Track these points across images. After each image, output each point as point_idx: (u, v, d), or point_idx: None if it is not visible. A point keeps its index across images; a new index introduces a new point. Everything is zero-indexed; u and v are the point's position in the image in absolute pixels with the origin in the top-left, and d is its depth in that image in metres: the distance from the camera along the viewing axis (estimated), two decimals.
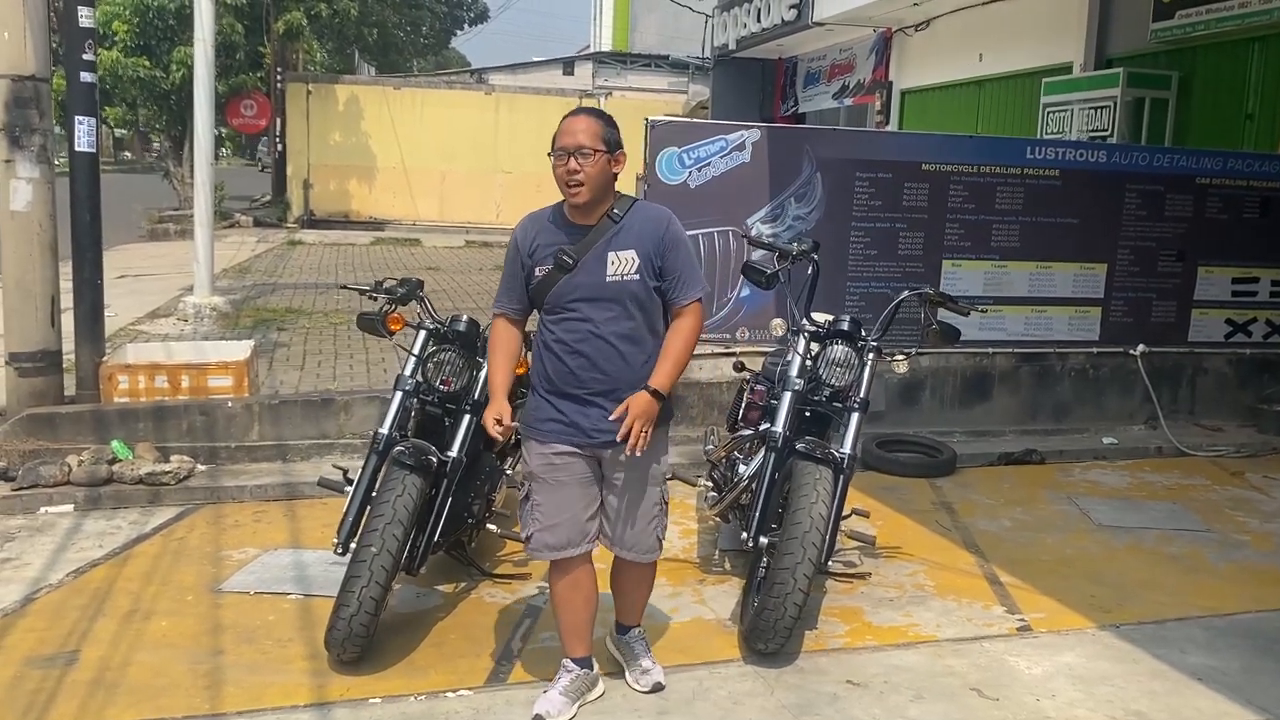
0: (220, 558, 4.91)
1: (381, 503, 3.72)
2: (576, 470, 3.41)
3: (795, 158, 6.93)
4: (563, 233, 3.36)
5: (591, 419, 3.34)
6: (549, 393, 3.40)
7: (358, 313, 4.46)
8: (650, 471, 3.47)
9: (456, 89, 24.99)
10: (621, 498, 3.45)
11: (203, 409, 6.26)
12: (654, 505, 3.50)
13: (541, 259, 3.36)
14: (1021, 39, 14.04)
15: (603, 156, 3.29)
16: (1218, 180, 7.72)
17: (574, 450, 3.39)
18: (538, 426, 3.43)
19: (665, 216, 3.42)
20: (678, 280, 3.37)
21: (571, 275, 3.32)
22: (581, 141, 3.26)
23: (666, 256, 3.34)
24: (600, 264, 3.32)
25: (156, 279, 14.10)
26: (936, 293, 4.40)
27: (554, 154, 3.30)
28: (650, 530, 3.52)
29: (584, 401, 3.34)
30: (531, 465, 3.46)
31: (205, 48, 10.37)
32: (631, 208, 3.39)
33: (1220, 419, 7.92)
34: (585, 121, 3.31)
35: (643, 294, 3.33)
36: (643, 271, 3.32)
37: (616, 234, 3.34)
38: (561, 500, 3.40)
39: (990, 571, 4.94)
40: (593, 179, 3.28)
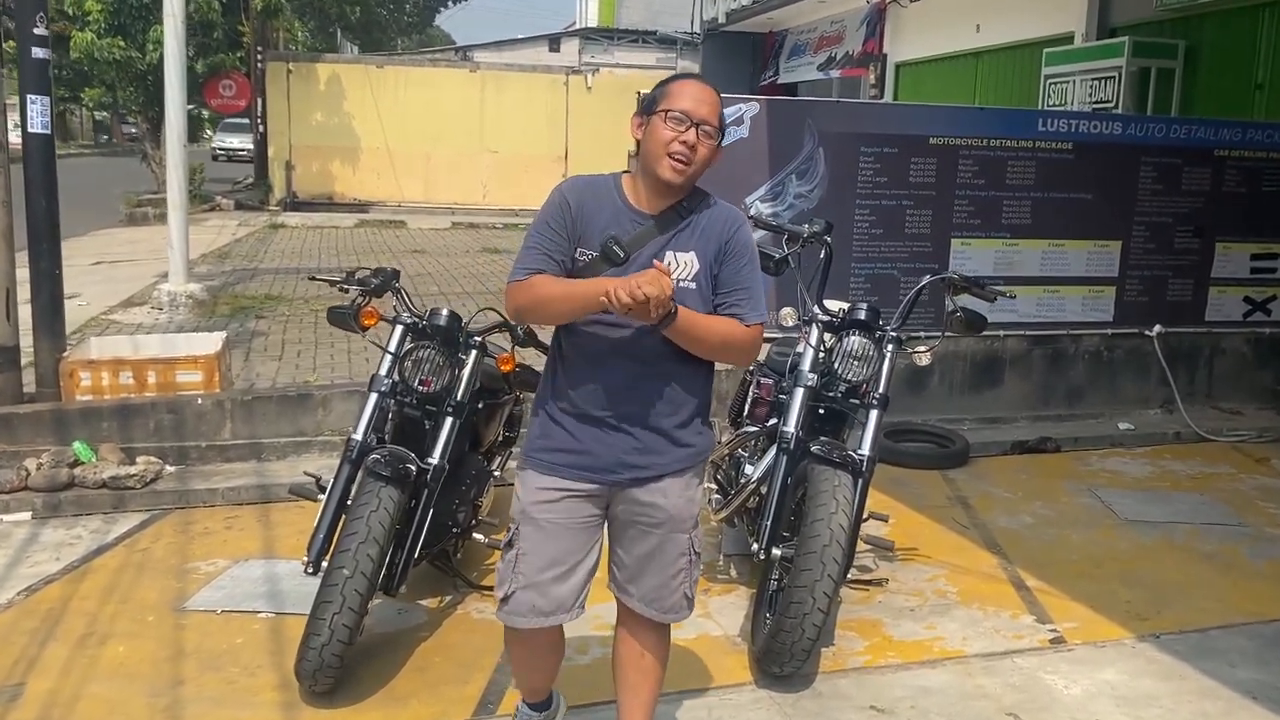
0: (186, 571, 4.54)
1: (355, 519, 3.37)
2: (581, 513, 2.73)
3: (796, 132, 6.56)
4: (619, 216, 2.67)
5: (614, 450, 2.68)
6: (564, 413, 2.71)
7: (329, 306, 4.07)
8: (682, 514, 2.76)
9: (441, 67, 24.47)
10: (640, 544, 2.77)
11: (171, 406, 5.88)
12: (682, 555, 2.79)
13: (588, 239, 2.64)
14: (1020, 9, 13.65)
15: (717, 144, 2.67)
16: (1236, 152, 7.37)
17: (583, 488, 2.71)
18: (541, 456, 2.74)
19: (736, 218, 2.76)
20: (737, 295, 2.67)
21: (618, 271, 2.59)
22: (708, 116, 2.61)
23: (727, 264, 2.67)
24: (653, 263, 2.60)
25: (132, 265, 13.66)
26: (961, 277, 4.04)
27: (669, 115, 2.59)
28: (677, 584, 2.81)
29: (609, 427, 2.67)
30: (524, 502, 2.74)
31: (175, 23, 9.90)
32: (701, 202, 2.72)
33: (1238, 401, 7.61)
34: (712, 95, 2.65)
35: (699, 306, 2.64)
36: (700, 280, 2.66)
37: (680, 231, 2.67)
38: (557, 551, 2.71)
39: (1015, 575, 4.61)
40: (699, 165, 2.63)
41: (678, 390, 2.69)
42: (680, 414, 2.71)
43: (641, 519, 2.74)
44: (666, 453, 2.71)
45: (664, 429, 2.70)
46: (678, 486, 2.74)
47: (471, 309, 11.12)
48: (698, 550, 2.84)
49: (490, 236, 18.58)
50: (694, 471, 2.79)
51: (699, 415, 2.76)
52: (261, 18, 21.78)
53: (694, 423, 2.75)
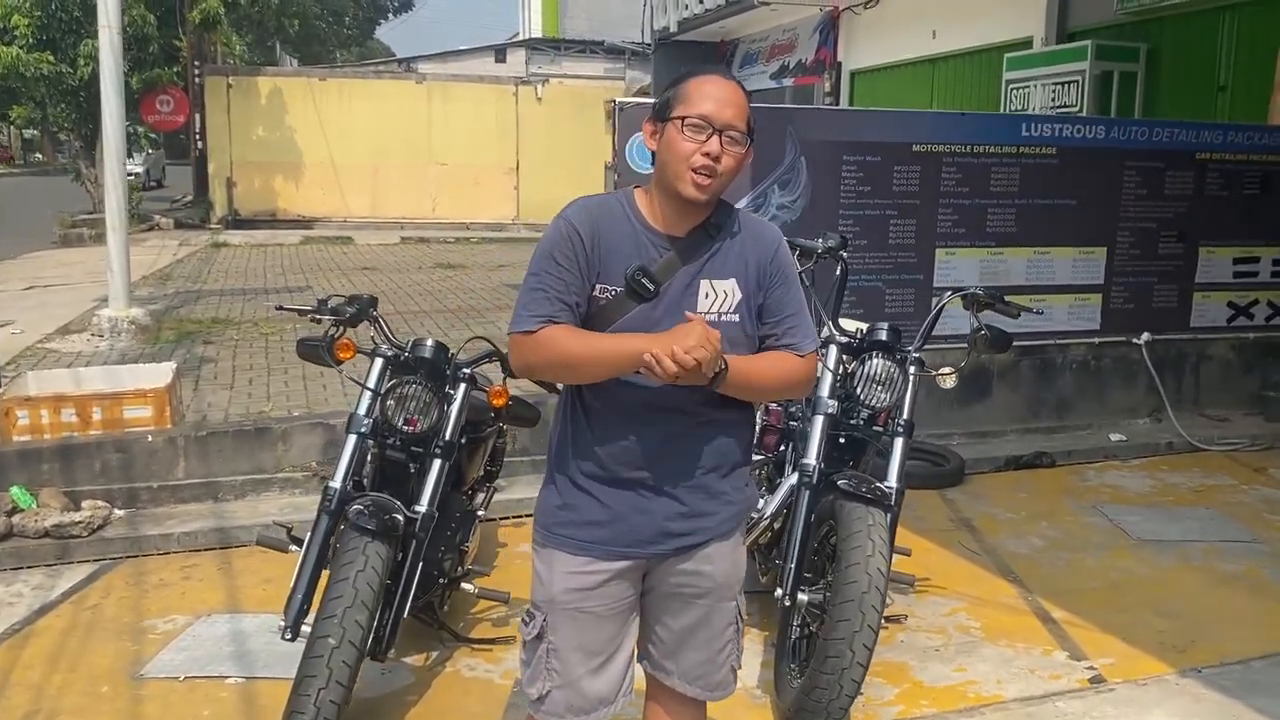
0: (142, 630, 4.13)
1: (339, 580, 3.00)
2: (619, 596, 2.35)
3: (778, 141, 6.28)
4: (641, 242, 2.26)
5: (655, 518, 2.30)
6: (592, 479, 2.31)
7: (299, 338, 3.70)
8: (730, 580, 2.43)
9: (385, 79, 23.95)
10: (683, 616, 2.41)
11: (118, 445, 5.44)
12: (729, 626, 2.46)
13: (610, 274, 2.24)
14: (977, 14, 13.57)
15: (745, 149, 2.27)
16: (1218, 155, 7.24)
17: (621, 566, 2.33)
18: (567, 532, 2.33)
19: (774, 235, 2.40)
20: (788, 323, 2.33)
21: (650, 307, 2.23)
22: (733, 120, 2.21)
23: (772, 290, 2.32)
24: (689, 295, 2.26)
25: (69, 289, 13.06)
26: (985, 293, 3.78)
27: (686, 121, 2.20)
28: (724, 659, 2.47)
29: (648, 490, 2.29)
30: (553, 590, 2.34)
31: (111, 34, 9.39)
32: (731, 219, 2.34)
33: (1225, 408, 7.47)
34: (739, 92, 2.26)
35: (741, 341, 2.29)
36: (743, 310, 2.30)
37: (714, 255, 2.29)
38: (593, 642, 2.34)
39: (1038, 605, 4.35)
40: (727, 176, 2.24)
41: (723, 440, 2.35)
42: (724, 466, 2.36)
43: (685, 589, 2.39)
44: (713, 514, 2.36)
45: (709, 486, 2.34)
46: (725, 550, 2.40)
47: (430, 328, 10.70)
48: (744, 615, 2.51)
49: (442, 251, 18.15)
50: (740, 530, 2.46)
51: (744, 463, 2.43)
52: (199, 31, 21.15)
53: (738, 473, 2.40)
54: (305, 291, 12.75)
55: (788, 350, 2.33)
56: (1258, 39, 9.92)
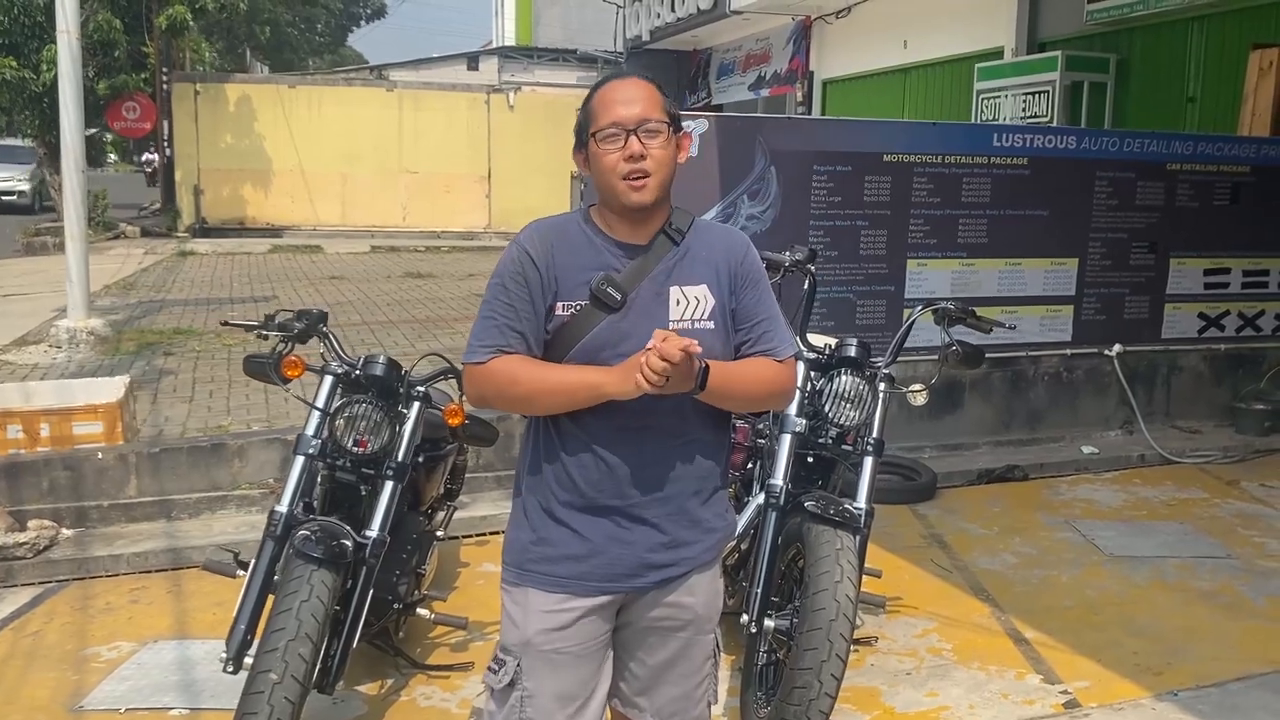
0: (85, 659, 3.96)
1: (282, 611, 2.85)
2: (593, 633, 2.21)
3: (747, 150, 6.18)
4: (602, 253, 2.18)
5: (635, 549, 2.18)
6: (568, 508, 2.18)
7: (246, 355, 3.55)
8: (710, 611, 2.33)
9: (356, 86, 23.73)
10: (660, 651, 2.29)
11: (67, 462, 5.26)
12: (707, 660, 2.36)
13: (571, 290, 2.16)
14: (948, 24, 13.58)
15: (668, 134, 2.16)
16: (1188, 166, 7.20)
17: (599, 602, 2.20)
18: (541, 569, 2.20)
19: (741, 239, 2.33)
20: (760, 328, 2.24)
21: (618, 318, 2.14)
22: (646, 113, 2.13)
23: (744, 294, 2.23)
24: (659, 303, 2.17)
25: (29, 299, 12.81)
26: (958, 307, 3.68)
27: (599, 135, 2.13)
28: (701, 694, 2.37)
29: (628, 519, 2.18)
30: (526, 632, 2.20)
31: (70, 39, 9.20)
32: (693, 224, 2.26)
33: (1197, 420, 7.43)
34: (641, 85, 2.17)
35: (717, 351, 2.18)
36: (718, 316, 2.21)
37: (681, 260, 2.20)
38: (569, 686, 2.20)
39: (1010, 625, 4.25)
40: (663, 168, 2.14)
41: (703, 462, 2.23)
42: (705, 490, 2.26)
43: (665, 622, 2.28)
44: (695, 543, 2.25)
45: (691, 512, 2.23)
46: (706, 580, 2.30)
47: (397, 338, 10.51)
48: (720, 648, 2.41)
49: (412, 260, 17.97)
50: (719, 557, 2.37)
51: (723, 486, 2.32)
52: (166, 37, 20.88)
53: (718, 496, 2.30)
54: (271, 301, 12.55)
55: (765, 356, 2.24)
56: (1226, 50, 9.96)
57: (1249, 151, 7.33)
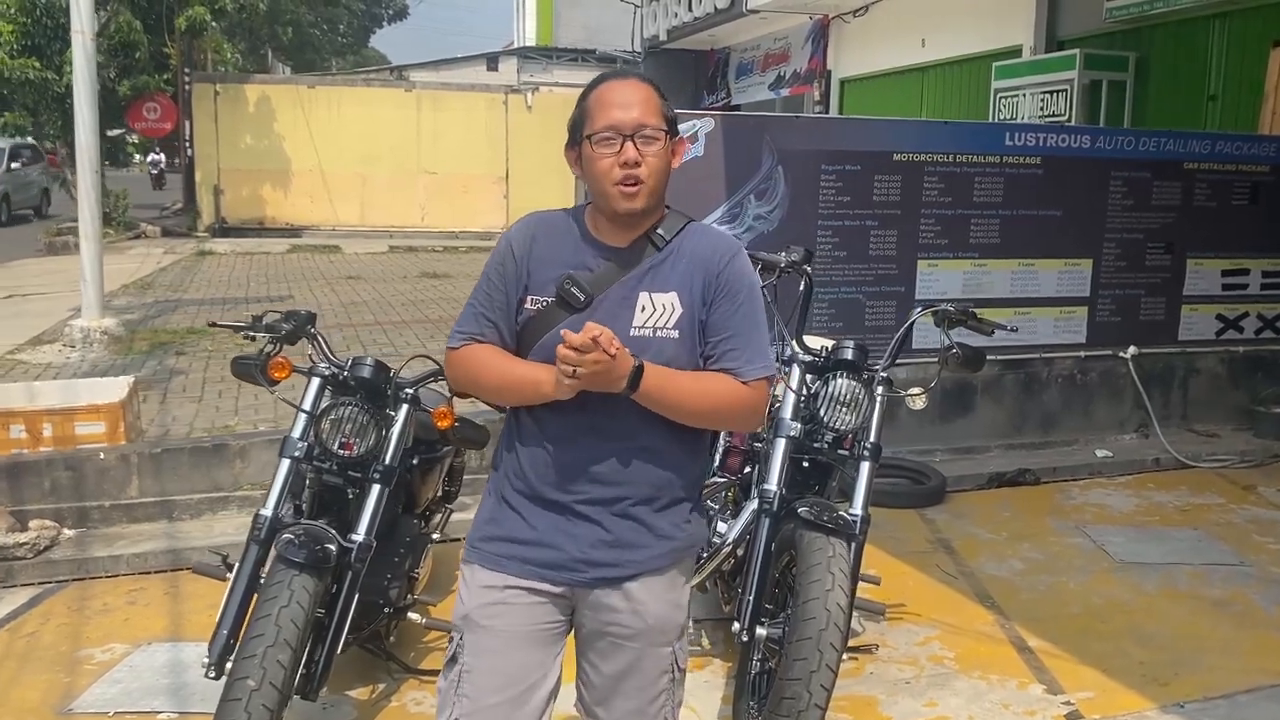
0: (78, 660, 3.94)
1: (262, 617, 2.81)
2: (538, 619, 2.19)
3: (755, 149, 6.12)
4: (581, 252, 2.18)
5: (578, 542, 2.16)
6: (519, 494, 2.20)
7: (233, 356, 3.52)
8: (664, 623, 2.24)
9: (375, 86, 23.79)
10: (612, 660, 2.24)
11: (69, 462, 5.25)
12: (664, 674, 2.26)
13: (541, 284, 2.17)
14: (966, 22, 13.44)
15: (663, 141, 2.12)
16: (1206, 165, 7.08)
17: (540, 588, 2.19)
18: (487, 547, 2.22)
19: (729, 247, 2.23)
20: (730, 343, 2.17)
21: (580, 318, 2.11)
22: (641, 118, 2.09)
23: (718, 306, 2.16)
24: (625, 307, 2.14)
25: (47, 298, 12.90)
26: (957, 309, 3.60)
27: (595, 138, 2.10)
28: (657, 710, 2.28)
29: (572, 514, 2.16)
30: (468, 605, 2.22)
31: (84, 40, 9.25)
32: (683, 230, 2.21)
33: (1214, 423, 7.30)
34: (640, 88, 2.13)
35: (680, 360, 2.14)
36: (685, 326, 2.15)
37: (657, 266, 2.17)
38: (510, 668, 2.17)
39: (1015, 634, 4.17)
40: (656, 176, 2.11)
41: (659, 472, 2.18)
42: (660, 499, 2.20)
43: (613, 629, 2.22)
44: (643, 547, 2.19)
45: (639, 517, 2.18)
46: (658, 588, 2.22)
47: (410, 339, 10.49)
48: (682, 666, 2.31)
49: (429, 260, 17.98)
50: (680, 569, 2.28)
51: (688, 499, 2.25)
52: (187, 37, 21.00)
53: (679, 508, 2.23)
54: (287, 301, 12.57)
55: (727, 374, 2.17)
56: (1248, 48, 9.79)
57: (1269, 150, 7.21)
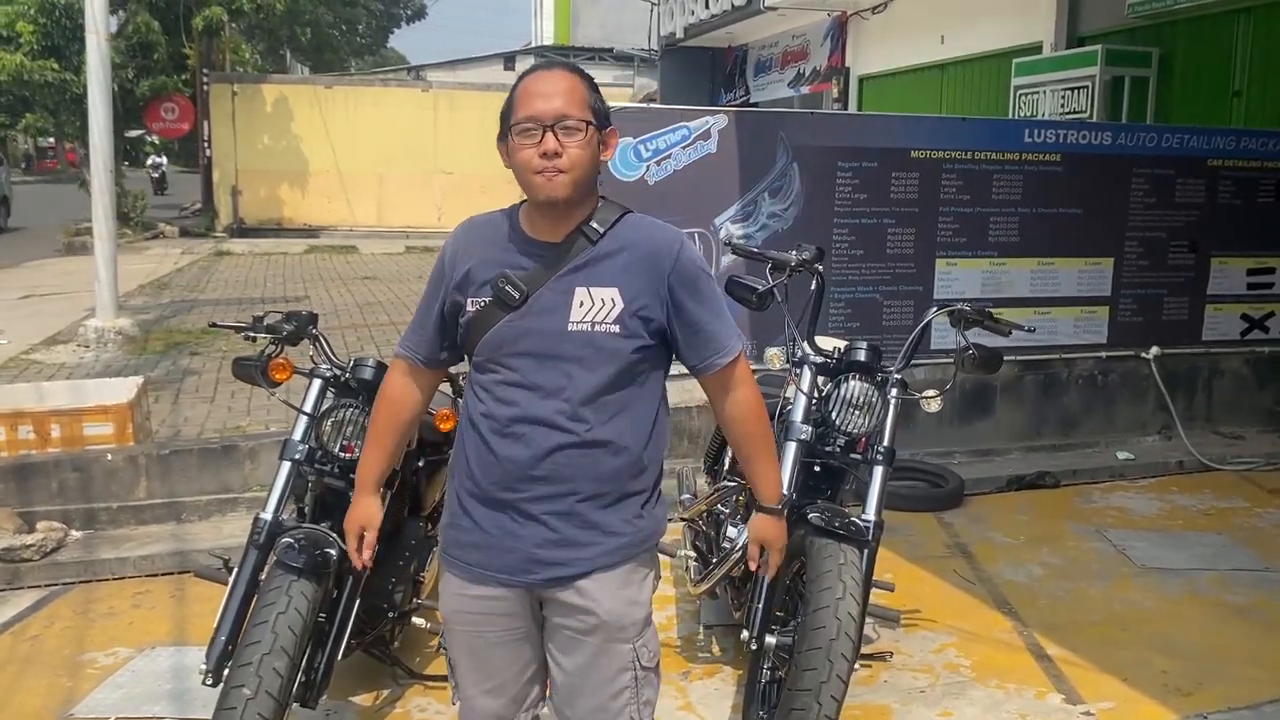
0: (81, 664, 3.90)
1: (258, 623, 2.75)
2: (507, 623, 2.25)
3: (768, 146, 6.04)
4: (514, 249, 2.20)
5: (524, 543, 2.17)
6: (470, 495, 2.22)
7: (234, 357, 3.47)
8: (619, 619, 2.21)
9: (392, 87, 23.80)
10: (570, 655, 2.24)
11: (76, 464, 5.22)
12: (623, 672, 2.23)
13: (477, 286, 2.19)
14: (986, 19, 13.29)
15: (592, 134, 2.13)
16: (1230, 162, 6.95)
17: (498, 592, 2.22)
18: (451, 552, 2.28)
19: (672, 241, 2.22)
20: (701, 334, 2.21)
21: (516, 317, 2.15)
22: (562, 109, 2.09)
23: (682, 300, 2.18)
24: (562, 303, 2.15)
25: (64, 298, 12.93)
26: (972, 309, 3.51)
27: (516, 129, 2.12)
28: (620, 707, 2.24)
29: (518, 513, 2.17)
30: (444, 608, 2.33)
31: (99, 40, 9.27)
32: (619, 222, 2.21)
33: (1239, 425, 7.16)
34: (564, 79, 2.13)
35: (623, 355, 2.15)
36: (625, 322, 2.14)
37: (593, 261, 2.17)
38: (487, 665, 2.29)
39: (1033, 641, 4.07)
40: (579, 167, 2.11)
41: (607, 463, 2.17)
42: (607, 495, 2.19)
43: (569, 625, 2.23)
44: (590, 544, 2.18)
45: (585, 515, 2.17)
46: (610, 584, 2.20)
47: None
48: (646, 664, 2.26)
49: None
50: (636, 563, 2.25)
51: (641, 492, 2.24)
52: (204, 37, 21.06)
53: (629, 502, 2.21)
54: (302, 301, 12.57)
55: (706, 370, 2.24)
56: (1274, 43, 9.62)
57: None
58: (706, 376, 2.26)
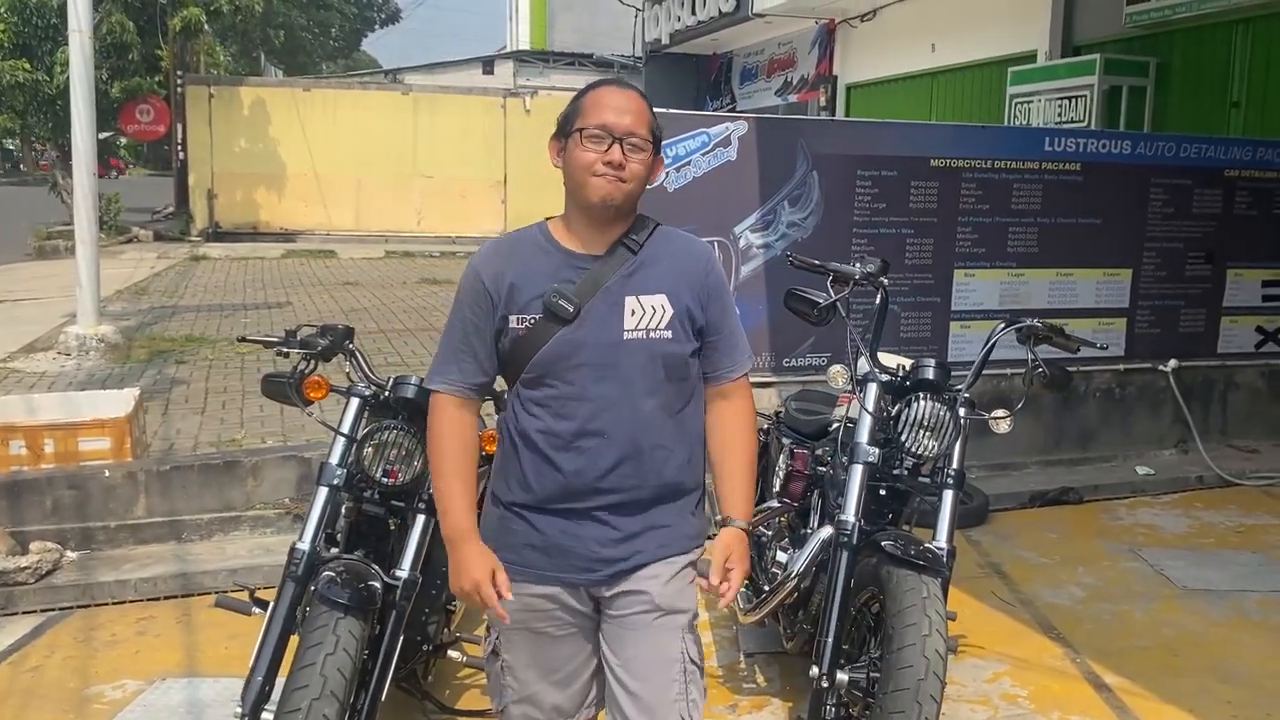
0: (87, 699, 3.66)
1: (305, 666, 2.54)
2: (566, 619, 2.28)
3: (789, 154, 5.88)
4: (557, 265, 2.22)
5: (588, 542, 2.22)
6: (524, 507, 2.25)
7: (264, 374, 3.25)
8: (674, 603, 2.25)
9: (371, 90, 23.48)
10: (629, 645, 2.25)
11: (72, 481, 4.97)
12: (674, 661, 2.24)
13: (523, 304, 2.20)
14: (978, 27, 13.24)
15: (650, 156, 2.22)
16: (1247, 172, 6.87)
17: (557, 592, 2.25)
18: (506, 555, 2.27)
19: (705, 252, 2.34)
20: (726, 344, 2.31)
21: (571, 329, 2.17)
22: (633, 126, 2.17)
23: (711, 308, 2.27)
24: (614, 312, 2.19)
25: (40, 304, 12.58)
26: (1043, 325, 3.36)
27: (585, 133, 2.16)
28: (672, 705, 2.23)
29: (579, 516, 2.21)
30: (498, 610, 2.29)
31: (82, 39, 8.95)
32: (654, 234, 2.28)
33: (1254, 438, 7.09)
34: (637, 100, 2.21)
35: (677, 359, 2.23)
36: (678, 326, 2.22)
37: (638, 270, 2.22)
38: (550, 660, 2.30)
39: (1087, 669, 3.92)
40: (636, 181, 2.19)
41: (670, 465, 2.25)
42: (665, 495, 2.26)
43: (629, 612, 2.26)
44: (648, 537, 2.25)
45: (648, 513, 2.25)
46: (665, 572, 2.26)
47: (415, 348, 10.15)
48: (695, 659, 2.28)
49: (427, 266, 17.69)
50: (687, 557, 2.31)
51: (694, 490, 2.32)
52: (180, 39, 20.67)
53: (685, 500, 2.30)
54: (285, 308, 12.28)
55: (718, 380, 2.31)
56: (1273, 53, 9.62)
57: None
58: (714, 386, 2.34)
